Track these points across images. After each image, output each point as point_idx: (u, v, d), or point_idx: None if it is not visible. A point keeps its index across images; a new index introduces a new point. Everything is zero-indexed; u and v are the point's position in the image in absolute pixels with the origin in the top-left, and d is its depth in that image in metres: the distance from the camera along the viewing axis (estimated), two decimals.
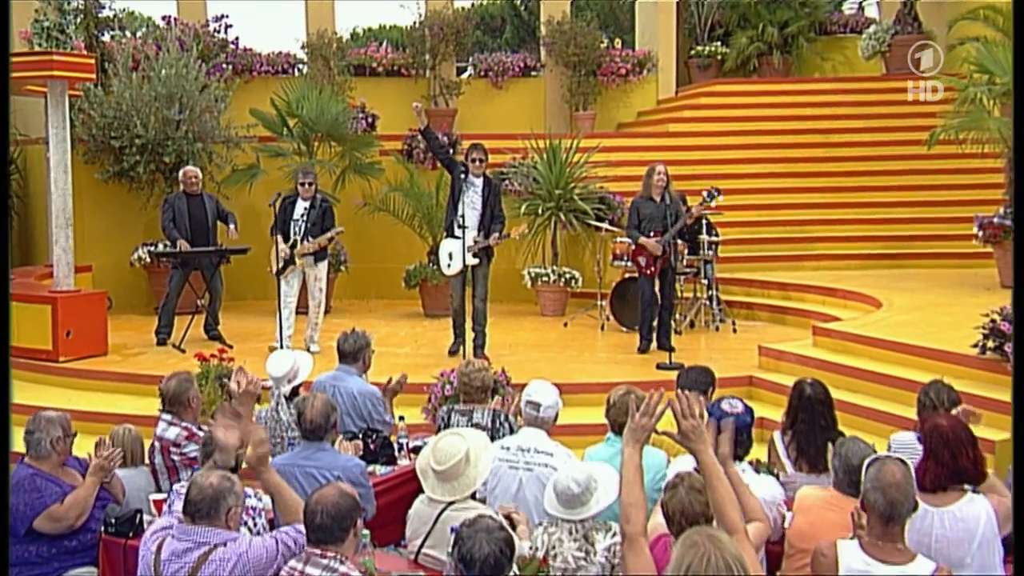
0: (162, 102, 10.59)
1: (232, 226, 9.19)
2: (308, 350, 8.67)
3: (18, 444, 4.77)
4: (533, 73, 14.13)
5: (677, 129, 13.06)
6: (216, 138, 10.96)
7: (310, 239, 8.67)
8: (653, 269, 8.55)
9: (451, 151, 9.47)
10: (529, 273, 10.65)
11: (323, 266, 8.86)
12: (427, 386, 7.10)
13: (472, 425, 4.86)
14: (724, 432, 3.54)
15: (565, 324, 10.00)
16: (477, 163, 8.43)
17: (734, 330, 9.39)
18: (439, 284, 10.38)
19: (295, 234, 8.70)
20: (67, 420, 4.59)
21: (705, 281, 9.59)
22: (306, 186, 8.72)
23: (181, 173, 9.47)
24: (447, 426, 4.88)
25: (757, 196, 11.84)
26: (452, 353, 8.44)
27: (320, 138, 11.16)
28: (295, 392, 5.20)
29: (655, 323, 8.62)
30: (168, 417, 4.88)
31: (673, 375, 7.45)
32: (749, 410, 4.06)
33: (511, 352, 8.65)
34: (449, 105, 13.53)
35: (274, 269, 8.73)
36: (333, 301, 10.84)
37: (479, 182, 8.43)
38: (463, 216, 8.13)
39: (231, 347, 8.85)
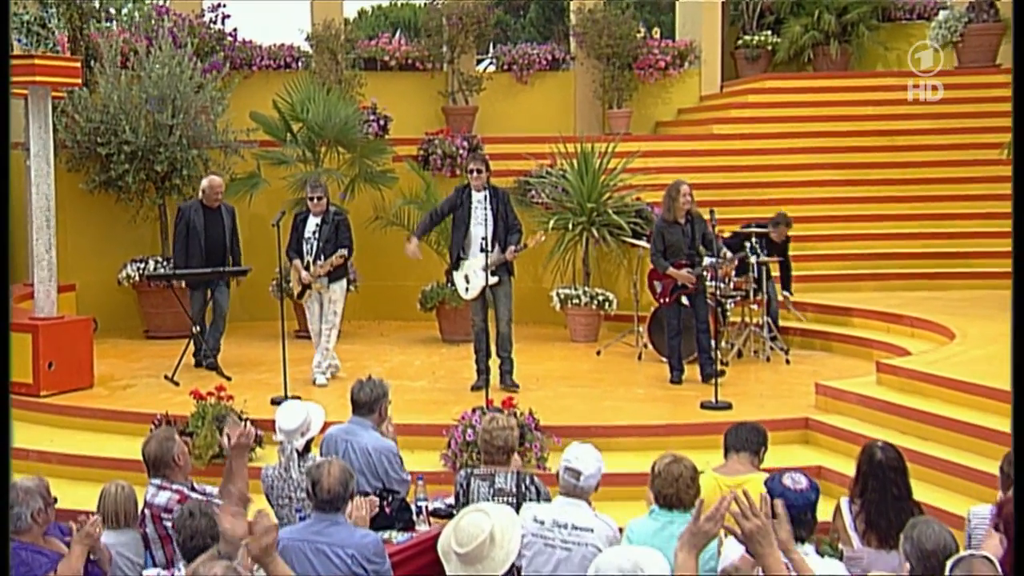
0: (153, 104, 10.63)
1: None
2: (314, 381, 8.71)
3: None
4: (562, 67, 14.09)
5: (722, 131, 12.99)
6: (213, 143, 10.99)
7: (323, 258, 8.67)
8: (668, 299, 8.55)
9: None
10: (558, 294, 10.62)
11: (338, 287, 8.84)
12: (446, 429, 7.08)
13: (495, 491, 4.81)
14: (780, 513, 3.46)
15: (598, 352, 9.95)
16: (475, 174, 8.37)
17: (787, 361, 9.32)
18: (458, 307, 10.37)
19: (308, 254, 8.74)
20: (46, 487, 4.59)
21: (754, 307, 9.49)
22: (315, 201, 8.74)
23: (206, 183, 9.55)
24: (466, 494, 4.83)
25: (812, 207, 11.76)
26: (475, 389, 8.40)
27: (327, 144, 11.17)
28: (307, 447, 5.18)
29: (689, 355, 8.67)
30: (157, 481, 4.87)
31: (719, 416, 7.52)
32: (814, 486, 3.99)
33: (538, 386, 8.63)
34: (469, 103, 13.49)
35: (296, 293, 8.85)
36: (342, 323, 10.84)
37: (483, 196, 8.38)
38: (483, 239, 8.13)
39: (229, 379, 8.87)
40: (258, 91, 12.08)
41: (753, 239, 9.39)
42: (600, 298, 10.53)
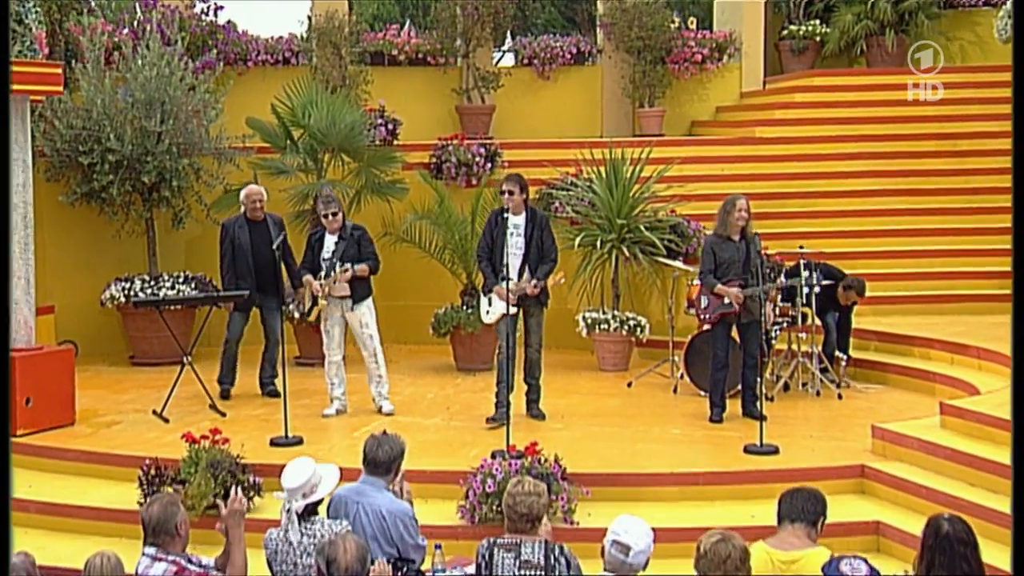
0: (140, 109, 10.67)
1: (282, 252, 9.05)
2: (380, 410, 8.90)
3: None
4: (588, 61, 14.10)
5: (765, 134, 12.98)
6: (205, 151, 11.05)
7: (341, 275, 8.67)
8: (712, 318, 8.55)
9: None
10: (585, 318, 10.63)
11: (366, 308, 8.87)
12: (463, 477, 7.08)
13: (521, 563, 4.81)
14: None
15: (629, 384, 9.97)
16: (507, 196, 8.49)
17: (839, 395, 9.30)
18: (475, 332, 10.41)
19: (330, 275, 8.77)
20: (32, 564, 4.61)
21: (802, 334, 9.45)
22: (330, 218, 8.78)
23: (243, 195, 9.53)
24: (488, 566, 4.83)
25: (866, 220, 11.75)
26: (492, 421, 8.40)
27: (331, 152, 11.21)
28: (309, 510, 5.18)
29: (731, 388, 8.67)
30: (151, 551, 4.88)
31: (765, 463, 7.51)
32: (875, 573, 3.97)
33: (564, 425, 8.65)
34: (485, 101, 13.53)
35: (305, 307, 8.96)
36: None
37: (520, 219, 8.50)
38: (506, 266, 8.20)
39: (223, 415, 8.93)
40: (254, 90, 12.13)
41: (813, 282, 9.23)
42: (631, 323, 10.52)
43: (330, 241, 8.80)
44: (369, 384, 9.00)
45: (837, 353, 9.68)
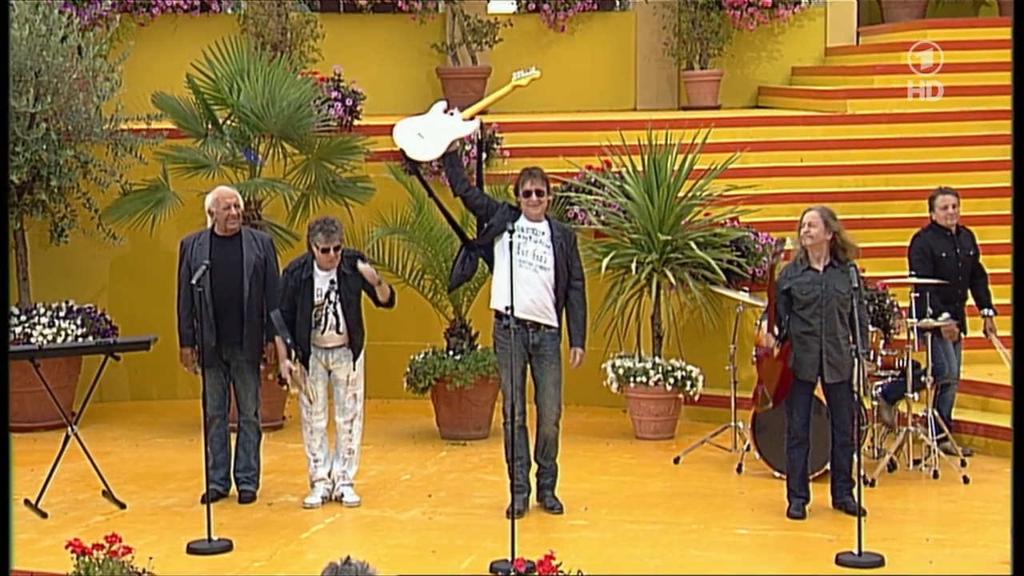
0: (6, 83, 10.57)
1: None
2: (341, 499, 8.89)
3: None
4: (617, 4, 14.16)
5: (860, 109, 12.92)
6: (96, 137, 11.00)
7: (342, 328, 8.74)
8: (773, 355, 8.46)
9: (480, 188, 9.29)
10: (615, 368, 10.57)
11: (355, 362, 8.90)
12: None
13: None
14: None
15: (676, 460, 9.93)
16: (533, 198, 8.53)
17: (964, 478, 9.24)
18: (465, 387, 10.35)
19: (318, 326, 8.75)
20: None
21: (913, 395, 9.39)
22: (331, 254, 8.69)
23: (210, 200, 9.15)
24: None
25: (990, 206, 11.59)
26: (516, 514, 8.06)
27: (269, 140, 11.15)
28: None
29: (817, 468, 8.68)
30: None
31: None
32: None
33: (588, 521, 8.60)
34: (477, 62, 13.49)
35: (285, 379, 9.03)
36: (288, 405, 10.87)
37: (542, 227, 8.52)
38: (513, 290, 8.14)
39: (123, 507, 8.87)
40: (163, 51, 12.19)
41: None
42: (678, 374, 10.48)
43: (323, 279, 8.74)
44: (334, 460, 8.97)
45: (983, 313, 9.68)
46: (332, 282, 8.76)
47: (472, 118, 8.87)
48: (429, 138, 8.69)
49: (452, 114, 8.77)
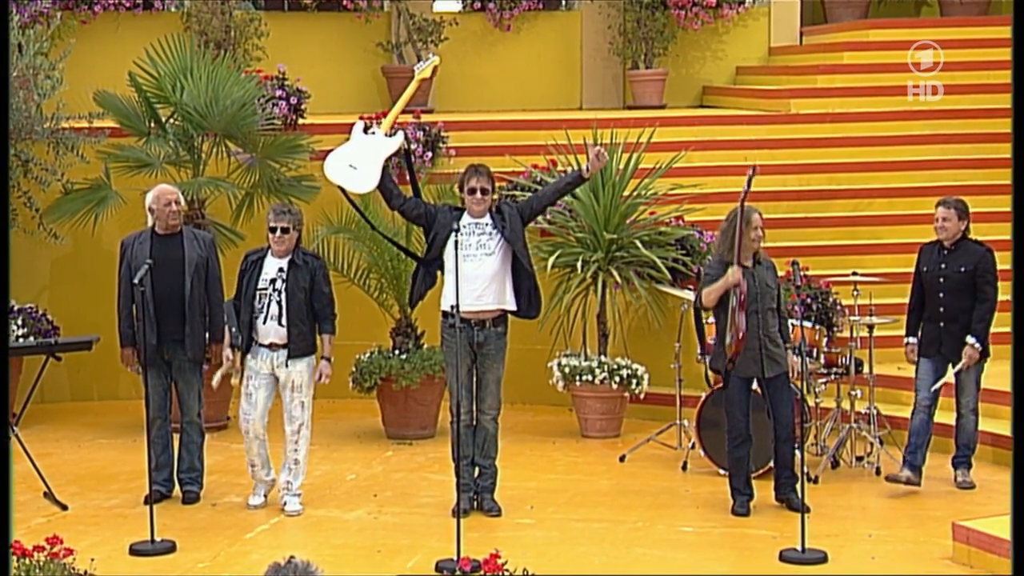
0: None
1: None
2: (283, 507, 8.76)
3: None
4: (563, 4, 14.15)
5: (803, 108, 12.99)
6: (36, 135, 10.93)
7: (285, 320, 8.61)
8: (736, 349, 8.42)
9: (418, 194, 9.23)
10: (561, 366, 10.60)
11: (304, 365, 8.76)
12: None
13: None
14: None
15: (621, 458, 9.96)
16: (478, 195, 8.53)
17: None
18: (411, 386, 10.36)
19: (260, 312, 8.66)
20: None
21: (856, 392, 9.46)
22: (278, 234, 8.63)
23: (150, 198, 9.09)
24: None
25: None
26: (461, 513, 8.07)
27: (212, 139, 11.14)
28: None
29: (761, 466, 8.72)
30: None
31: (809, 573, 7.45)
32: None
33: (534, 520, 8.61)
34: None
35: (214, 379, 8.93)
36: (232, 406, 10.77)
37: (485, 220, 8.52)
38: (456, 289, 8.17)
39: (65, 508, 8.82)
40: (105, 49, 12.08)
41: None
42: (624, 373, 10.50)
43: (272, 266, 8.68)
44: (281, 471, 8.86)
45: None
46: (281, 270, 8.68)
47: (392, 128, 8.79)
48: (361, 167, 8.53)
49: (373, 132, 8.64)
